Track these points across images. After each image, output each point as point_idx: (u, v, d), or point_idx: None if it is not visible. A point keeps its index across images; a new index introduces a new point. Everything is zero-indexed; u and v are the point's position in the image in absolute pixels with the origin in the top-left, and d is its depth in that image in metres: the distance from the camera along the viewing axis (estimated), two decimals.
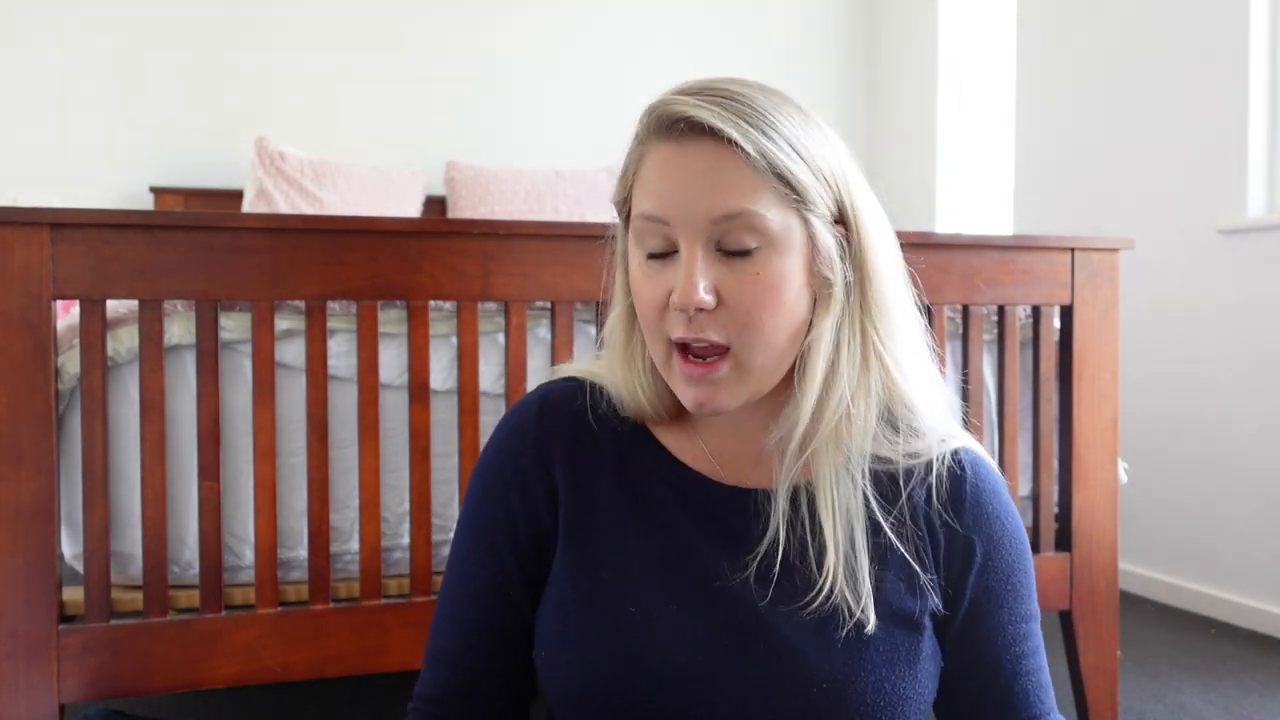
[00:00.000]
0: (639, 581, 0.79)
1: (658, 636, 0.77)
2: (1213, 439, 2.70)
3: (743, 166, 0.71)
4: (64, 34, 3.37)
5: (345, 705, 1.97)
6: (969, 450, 0.83)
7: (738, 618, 0.77)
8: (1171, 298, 2.81)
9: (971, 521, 0.81)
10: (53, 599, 1.26)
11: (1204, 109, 2.73)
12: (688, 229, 0.72)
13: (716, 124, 0.70)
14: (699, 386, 0.75)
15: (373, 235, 1.37)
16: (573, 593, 0.81)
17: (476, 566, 0.85)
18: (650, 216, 0.73)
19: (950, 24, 3.89)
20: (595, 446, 0.84)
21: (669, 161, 0.73)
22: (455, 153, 3.68)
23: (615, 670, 0.77)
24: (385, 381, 1.44)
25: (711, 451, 0.83)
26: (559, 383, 0.88)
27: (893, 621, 0.78)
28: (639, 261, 0.76)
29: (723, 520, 0.81)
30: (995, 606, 0.81)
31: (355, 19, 3.67)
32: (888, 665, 0.77)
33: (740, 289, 0.72)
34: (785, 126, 0.72)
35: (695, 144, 0.72)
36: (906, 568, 0.79)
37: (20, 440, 1.24)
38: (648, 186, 0.74)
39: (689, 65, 3.95)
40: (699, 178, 0.71)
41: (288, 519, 1.42)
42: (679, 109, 0.71)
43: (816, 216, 0.74)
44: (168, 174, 3.48)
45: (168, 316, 1.38)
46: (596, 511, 0.82)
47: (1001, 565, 0.81)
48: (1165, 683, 2.15)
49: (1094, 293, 1.67)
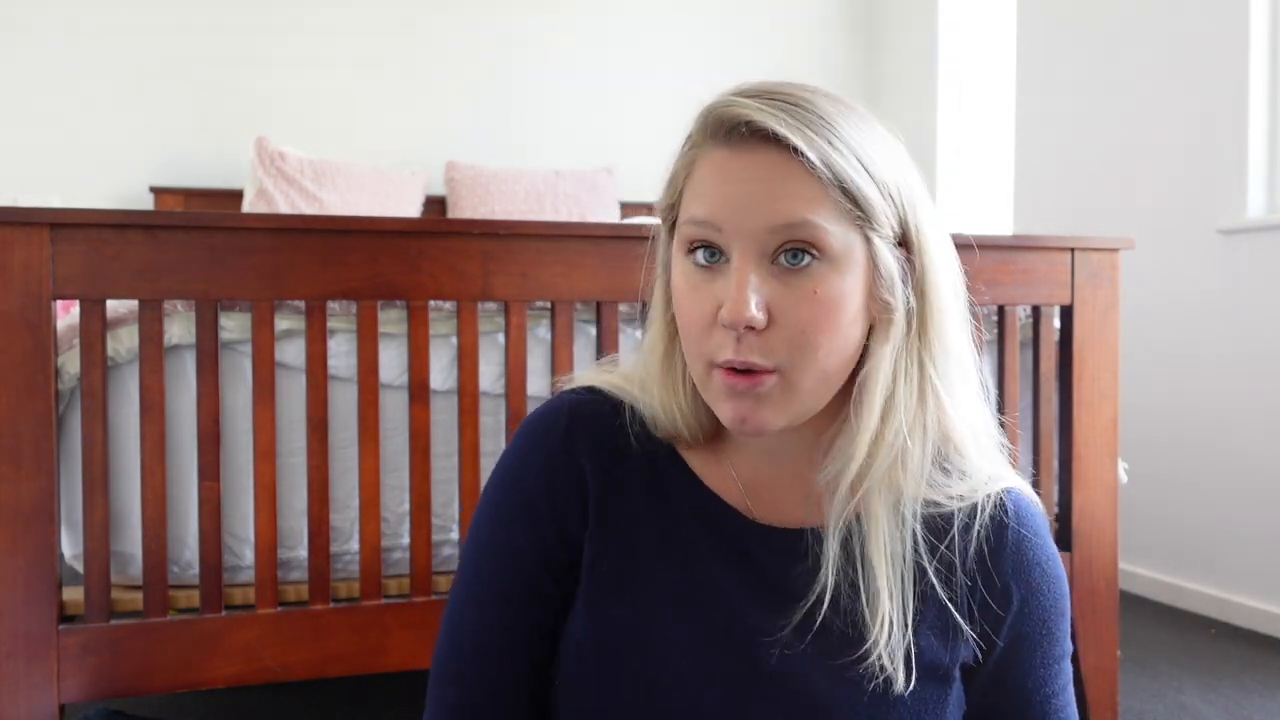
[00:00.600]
0: (665, 622, 0.75)
1: (683, 680, 0.73)
2: (1213, 439, 2.70)
3: (805, 176, 0.66)
4: (64, 34, 3.37)
5: (345, 705, 1.97)
6: (1015, 493, 0.78)
7: (766, 667, 0.73)
8: (1171, 298, 2.82)
9: (1011, 568, 0.76)
10: (53, 599, 1.26)
11: (1204, 109, 2.73)
12: (741, 238, 0.67)
13: (780, 129, 0.65)
14: (741, 400, 0.68)
15: (373, 235, 1.37)
16: (590, 624, 0.76)
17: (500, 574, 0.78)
18: (701, 221, 0.68)
19: (950, 24, 3.89)
20: (624, 467, 0.78)
21: (726, 166, 0.67)
22: (455, 153, 3.68)
23: (636, 713, 0.74)
24: (385, 381, 1.44)
25: (744, 482, 0.78)
26: (582, 393, 0.81)
27: (924, 674, 0.74)
28: (684, 270, 0.70)
29: (757, 562, 0.76)
30: (1029, 652, 0.78)
31: (355, 19, 3.68)
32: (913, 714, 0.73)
33: (795, 307, 0.67)
34: (852, 137, 0.67)
35: (755, 150, 0.66)
36: (944, 617, 0.75)
37: (20, 440, 1.24)
38: (700, 191, 0.69)
39: (689, 65, 3.95)
40: (757, 185, 0.66)
41: (288, 519, 1.42)
42: (739, 112, 0.66)
43: (880, 236, 0.68)
44: (168, 174, 3.48)
45: (168, 316, 1.38)
46: (624, 542, 0.77)
47: (1038, 612, 0.77)
48: (1165, 683, 2.15)
49: (1094, 293, 1.67)
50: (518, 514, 0.78)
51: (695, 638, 0.74)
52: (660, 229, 0.77)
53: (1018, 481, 0.79)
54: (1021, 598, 0.76)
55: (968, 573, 0.75)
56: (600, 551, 0.77)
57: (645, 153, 3.75)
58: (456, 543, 1.49)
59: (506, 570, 0.78)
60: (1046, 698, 0.78)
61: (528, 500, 0.78)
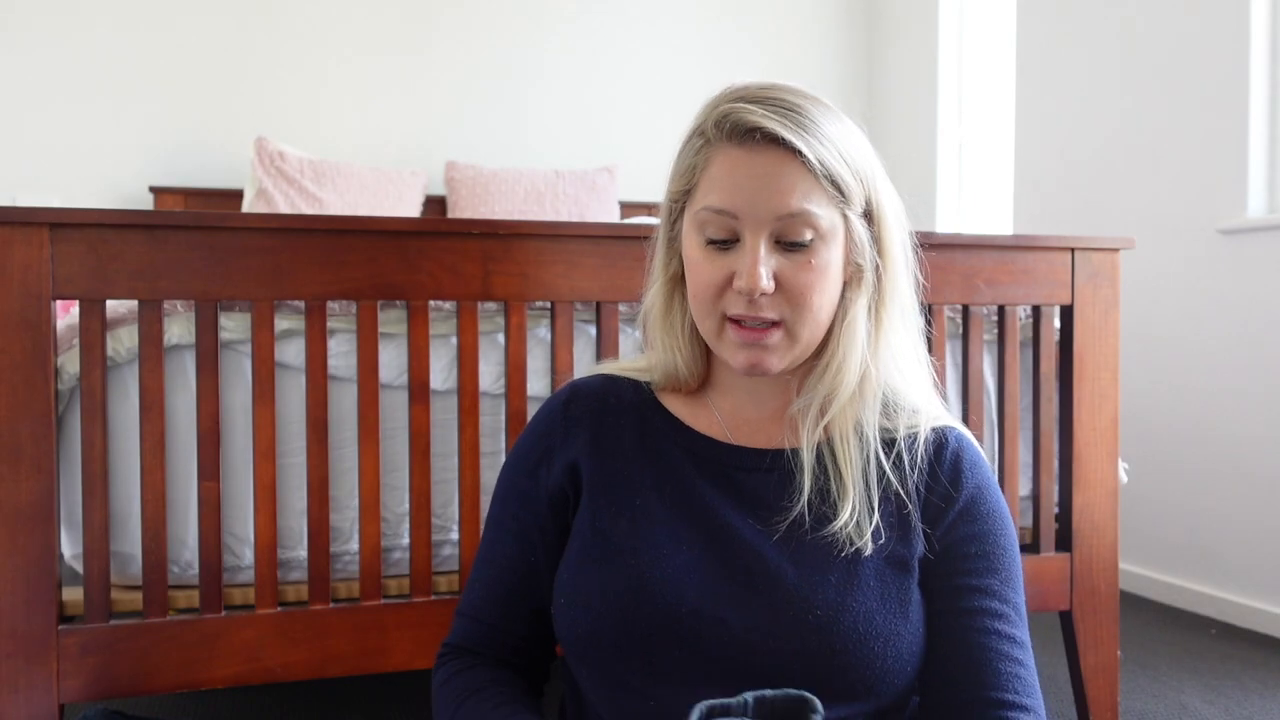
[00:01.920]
0: (653, 525, 0.89)
1: (668, 573, 0.86)
2: (1213, 439, 2.70)
3: (803, 172, 0.83)
4: (64, 34, 3.37)
5: (345, 705, 1.97)
6: (957, 430, 0.95)
7: (743, 558, 0.87)
8: (1171, 298, 2.82)
9: (953, 477, 0.91)
10: (52, 599, 1.26)
11: (1204, 109, 2.73)
12: (754, 223, 0.84)
13: (786, 135, 0.82)
14: (751, 350, 0.86)
15: (373, 235, 1.37)
16: (590, 536, 0.91)
17: (505, 533, 0.97)
18: (719, 210, 0.84)
19: (950, 24, 3.89)
20: (618, 419, 0.96)
21: (740, 164, 0.84)
22: (455, 153, 3.68)
23: (628, 599, 0.86)
24: (385, 381, 1.44)
25: (724, 418, 0.95)
26: (588, 377, 1.01)
27: (886, 562, 0.87)
28: (699, 245, 0.87)
29: (732, 475, 0.91)
30: (966, 567, 0.89)
31: (355, 19, 3.68)
32: (878, 600, 0.85)
33: (796, 275, 0.84)
34: (834, 134, 0.84)
35: (764, 151, 0.83)
36: (901, 513, 0.89)
37: (20, 440, 1.24)
38: (717, 184, 0.85)
39: (689, 65, 3.95)
40: (767, 180, 0.83)
41: (287, 519, 1.42)
42: (752, 119, 0.82)
43: (853, 213, 0.86)
44: (168, 174, 3.48)
45: (168, 316, 1.38)
46: (618, 469, 0.93)
47: (976, 528, 0.90)
48: (1165, 683, 2.15)
49: (1094, 293, 1.67)
50: (524, 465, 0.97)
51: (680, 538, 0.88)
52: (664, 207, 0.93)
53: (960, 426, 0.96)
54: (965, 501, 0.90)
55: (918, 478, 0.91)
56: (599, 481, 0.93)
57: (645, 153, 3.76)
58: (456, 543, 1.49)
59: (514, 519, 0.96)
60: (985, 632, 0.87)
61: (530, 458, 0.97)
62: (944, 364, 1.63)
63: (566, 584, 0.91)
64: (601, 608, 0.87)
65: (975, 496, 0.91)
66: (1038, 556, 1.66)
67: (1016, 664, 0.87)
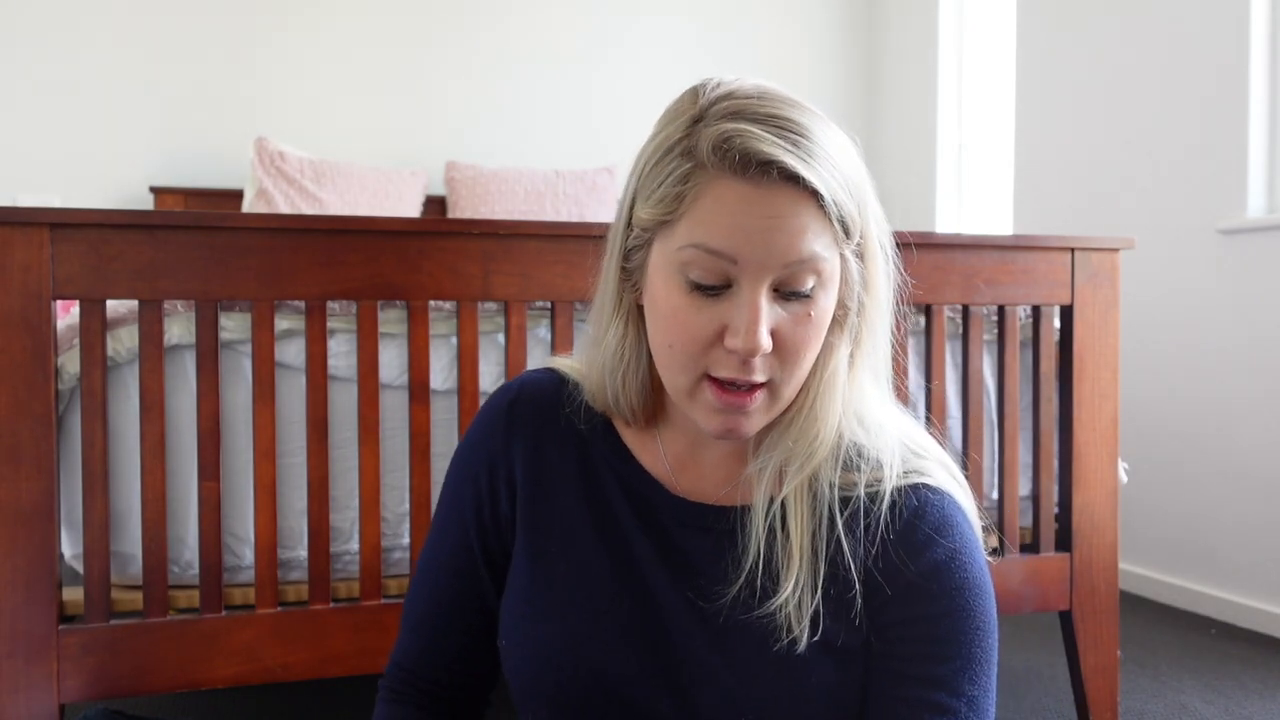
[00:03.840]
0: (590, 579, 0.82)
1: (604, 639, 0.80)
2: (1213, 439, 2.70)
3: (816, 213, 0.69)
4: (64, 34, 3.37)
5: (345, 705, 1.97)
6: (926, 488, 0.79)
7: (676, 644, 0.79)
8: (1171, 298, 2.82)
9: (906, 549, 0.77)
10: (53, 599, 1.26)
11: (1204, 109, 2.73)
12: (755, 269, 0.69)
13: (802, 173, 0.68)
14: (729, 415, 0.73)
15: (373, 235, 1.37)
16: (529, 582, 0.84)
17: (446, 541, 0.89)
18: (715, 251, 0.69)
19: (950, 24, 3.89)
20: (560, 439, 0.86)
21: (747, 201, 0.68)
22: (455, 153, 3.68)
23: (565, 661, 0.80)
24: (385, 381, 1.44)
25: (670, 459, 0.84)
26: (540, 372, 0.91)
27: (825, 651, 0.76)
28: (681, 289, 0.71)
29: (670, 533, 0.82)
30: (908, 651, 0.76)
31: (355, 19, 3.68)
32: (819, 695, 0.76)
33: (794, 330, 0.72)
34: (841, 163, 0.71)
35: (776, 189, 0.68)
36: (847, 592, 0.77)
37: (20, 440, 1.24)
38: (713, 220, 0.69)
39: (689, 66, 3.95)
40: (778, 222, 0.68)
41: (288, 519, 1.42)
42: (763, 149, 0.67)
43: (850, 250, 0.74)
44: (168, 174, 3.48)
45: (168, 316, 1.38)
46: (554, 499, 0.85)
47: (925, 609, 0.76)
48: (1165, 683, 2.15)
49: (1094, 293, 1.67)
50: (461, 488, 0.89)
51: (609, 599, 0.81)
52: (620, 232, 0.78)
53: (942, 476, 0.81)
54: (917, 575, 0.76)
55: (870, 551, 0.77)
56: (532, 515, 0.85)
57: None
58: None
59: (455, 526, 0.88)
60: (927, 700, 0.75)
61: (470, 474, 0.88)
62: (944, 364, 1.63)
63: (508, 628, 0.85)
64: (539, 663, 0.81)
65: (933, 571, 0.76)
66: (1038, 556, 1.66)
67: None
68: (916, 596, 0.76)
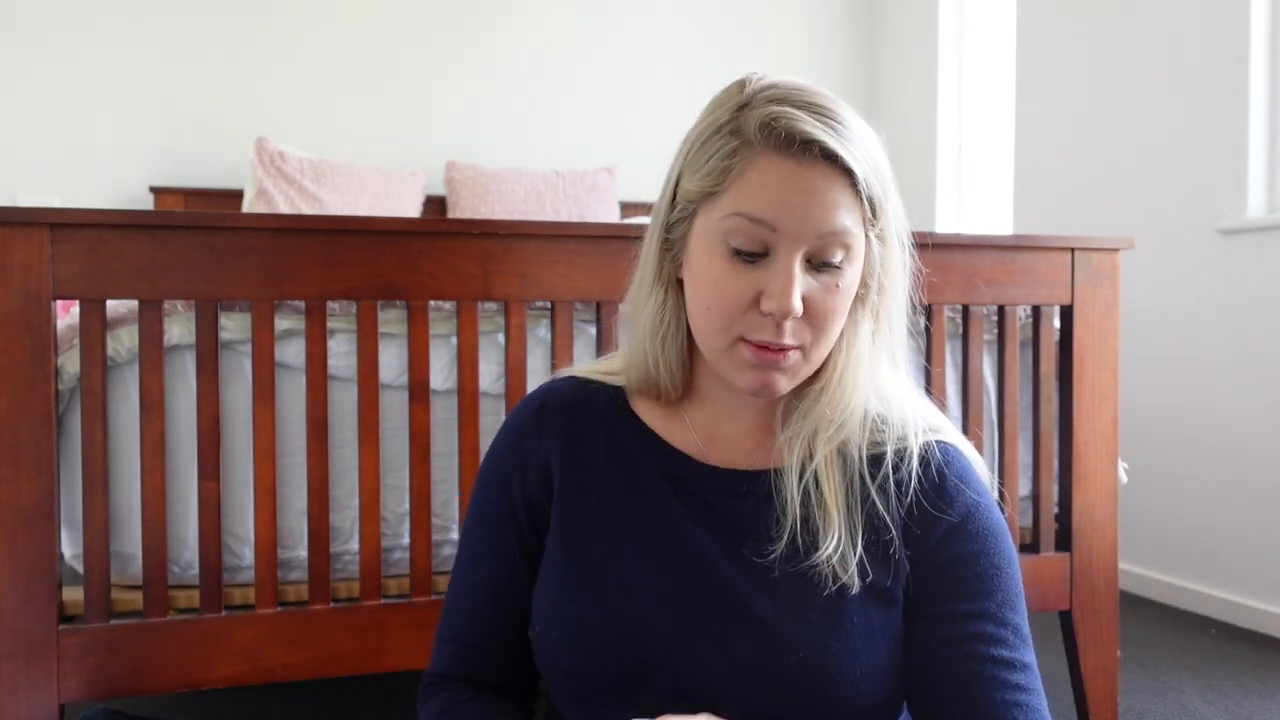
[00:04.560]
0: (626, 553, 0.85)
1: (643, 605, 0.83)
2: (1213, 439, 2.70)
3: (849, 190, 0.77)
4: (64, 35, 3.37)
5: (345, 705, 1.97)
6: (945, 444, 0.88)
7: (721, 595, 0.82)
8: (1171, 298, 2.82)
9: (939, 499, 0.84)
10: (53, 599, 1.26)
11: (1204, 109, 2.73)
12: (793, 238, 0.77)
13: (839, 152, 0.76)
14: (764, 371, 0.80)
15: (373, 235, 1.37)
16: (564, 565, 0.86)
17: (484, 551, 0.91)
18: (758, 219, 0.77)
19: (950, 24, 3.89)
20: (588, 430, 0.90)
21: (789, 175, 0.76)
22: (455, 153, 3.68)
23: (604, 637, 0.82)
24: (385, 381, 1.44)
25: (698, 431, 0.89)
26: (560, 380, 0.95)
27: (870, 595, 0.82)
28: (722, 255, 0.79)
29: (708, 499, 0.86)
30: (956, 591, 0.82)
31: (355, 19, 3.68)
32: (863, 638, 0.80)
33: (824, 299, 0.79)
34: (872, 151, 0.80)
35: (815, 165, 0.77)
36: (884, 540, 0.83)
37: (20, 440, 1.24)
38: (757, 191, 0.77)
39: (688, 65, 3.95)
40: (815, 195, 0.76)
41: (288, 519, 1.42)
42: (805, 129, 0.76)
43: (874, 232, 0.81)
44: (168, 174, 3.48)
45: (168, 316, 1.38)
46: (588, 488, 0.88)
47: (966, 549, 0.83)
48: (1165, 683, 2.15)
49: (1094, 293, 1.67)
50: (496, 494, 0.91)
51: (654, 570, 0.84)
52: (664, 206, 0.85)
53: (955, 436, 0.89)
54: (953, 521, 0.84)
55: (903, 500, 0.84)
56: (567, 503, 0.88)
57: (645, 153, 3.75)
58: (456, 543, 1.49)
59: (492, 535, 0.91)
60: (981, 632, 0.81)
61: (503, 479, 0.91)
62: (944, 364, 1.63)
63: (541, 613, 0.87)
64: (576, 644, 0.83)
65: (965, 515, 0.84)
66: (1038, 556, 1.66)
67: (1018, 691, 0.79)
68: (954, 539, 0.83)
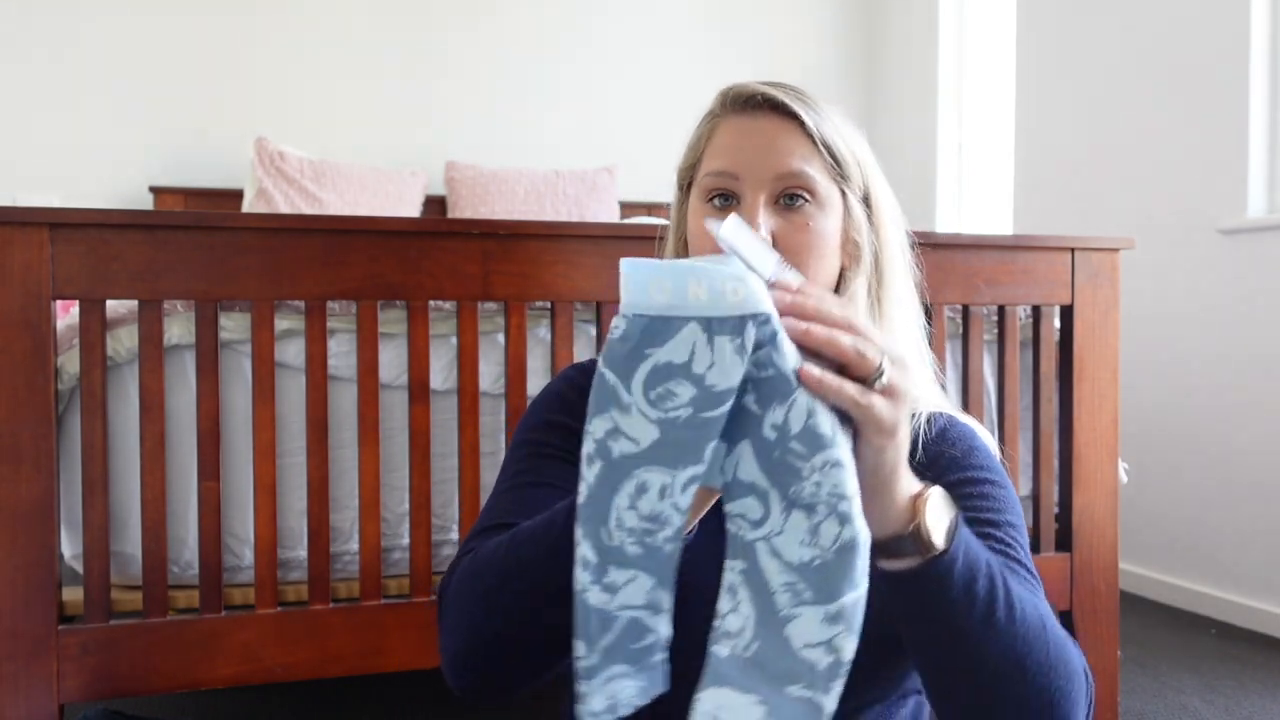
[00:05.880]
0: None
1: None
2: (1213, 439, 2.70)
3: (802, 137, 0.85)
4: (64, 34, 3.37)
5: (345, 705, 1.97)
6: (948, 417, 0.92)
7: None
8: (1171, 298, 2.81)
9: (937, 453, 0.88)
10: (52, 599, 1.26)
11: (1204, 109, 2.73)
12: (754, 182, 0.84)
13: (786, 101, 0.85)
14: None
15: (373, 235, 1.37)
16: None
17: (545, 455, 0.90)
18: (722, 172, 0.85)
19: (950, 24, 3.89)
20: None
21: (742, 128, 0.86)
22: (455, 153, 3.68)
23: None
24: (385, 381, 1.44)
25: None
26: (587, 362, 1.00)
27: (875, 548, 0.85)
28: (704, 213, 0.86)
29: None
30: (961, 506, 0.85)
31: (355, 19, 3.68)
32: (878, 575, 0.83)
33: (792, 234, 0.84)
34: (833, 116, 0.88)
35: (765, 116, 0.85)
36: None
37: (20, 440, 1.24)
38: (720, 149, 0.86)
39: (688, 65, 3.95)
40: (768, 141, 0.85)
41: (288, 519, 1.42)
42: (754, 88, 0.86)
43: (851, 193, 0.87)
44: (168, 174, 3.48)
45: (167, 316, 1.38)
46: None
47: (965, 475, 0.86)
48: (1165, 683, 2.15)
49: (1094, 293, 1.67)
50: (555, 406, 0.93)
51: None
52: (675, 188, 0.94)
53: (958, 413, 0.94)
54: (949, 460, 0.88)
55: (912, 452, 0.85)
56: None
57: (645, 153, 3.75)
58: (456, 543, 1.49)
59: (557, 439, 0.91)
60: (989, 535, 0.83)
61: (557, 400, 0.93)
62: (944, 364, 1.63)
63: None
64: None
65: (969, 451, 0.89)
66: (1038, 556, 1.66)
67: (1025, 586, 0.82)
68: (958, 466, 0.88)
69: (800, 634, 0.58)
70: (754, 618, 0.59)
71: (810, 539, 0.58)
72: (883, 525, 0.66)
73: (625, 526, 0.59)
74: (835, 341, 0.59)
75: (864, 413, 0.60)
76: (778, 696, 0.58)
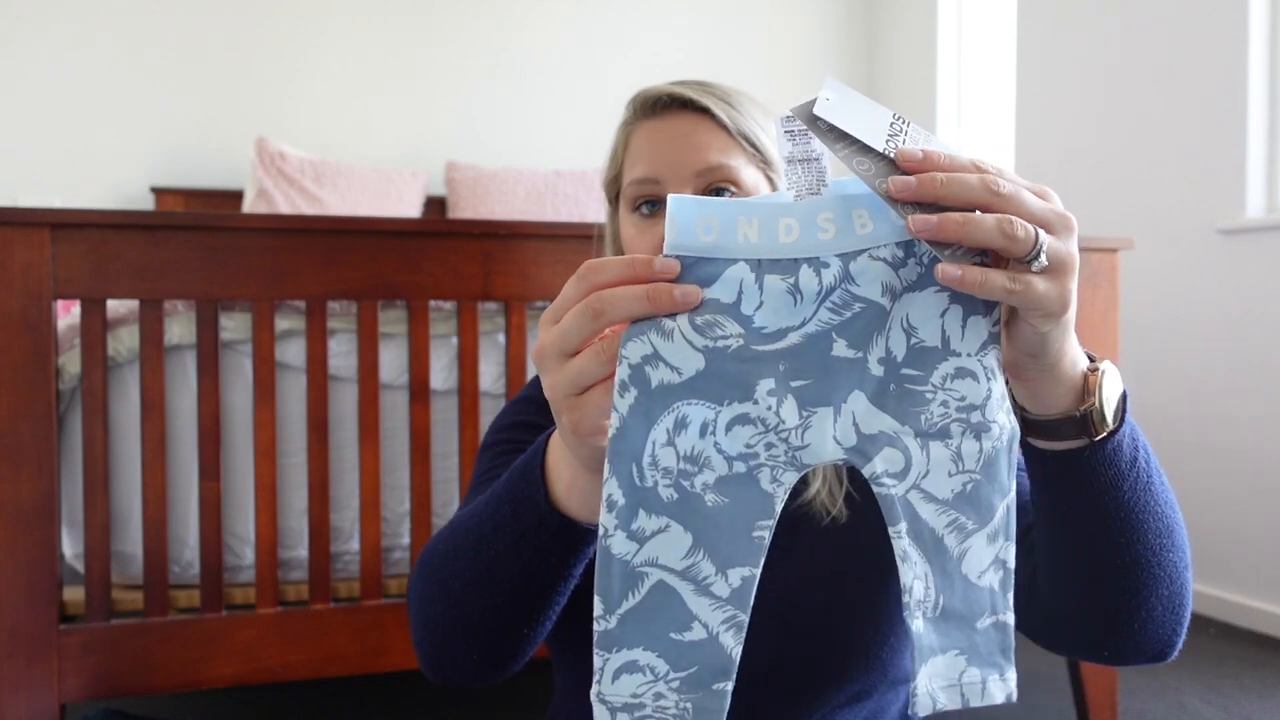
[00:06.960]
0: None
1: None
2: (1213, 439, 2.70)
3: (717, 130, 0.83)
4: (65, 35, 3.37)
5: (345, 705, 1.97)
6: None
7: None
8: (1170, 298, 2.82)
9: None
10: (53, 599, 1.26)
11: (1204, 109, 2.73)
12: (676, 182, 0.83)
13: (694, 97, 0.84)
14: None
15: (373, 235, 1.37)
16: None
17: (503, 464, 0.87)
18: (642, 179, 0.84)
19: (950, 24, 3.90)
20: None
21: (656, 131, 0.85)
22: (455, 153, 3.68)
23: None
24: (385, 381, 1.45)
25: None
26: None
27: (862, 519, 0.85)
28: (632, 223, 0.86)
29: None
30: None
31: (355, 19, 3.68)
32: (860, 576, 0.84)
33: None
34: (748, 105, 0.86)
35: (677, 115, 0.84)
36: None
37: (21, 440, 1.25)
38: (638, 156, 0.85)
39: (688, 65, 3.95)
40: (683, 140, 0.83)
41: (288, 519, 1.42)
42: (661, 90, 0.86)
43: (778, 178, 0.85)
44: (168, 174, 3.48)
45: (168, 316, 1.38)
46: None
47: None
48: (1165, 683, 2.15)
49: (1094, 293, 1.68)
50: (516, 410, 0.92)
51: None
52: (605, 203, 0.93)
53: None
54: None
55: None
56: None
57: None
58: None
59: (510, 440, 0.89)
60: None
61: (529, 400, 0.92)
62: None
63: None
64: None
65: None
66: None
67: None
68: None
69: (974, 565, 0.54)
70: (932, 573, 0.54)
71: (956, 467, 0.54)
72: (1045, 407, 0.61)
73: (660, 466, 0.52)
74: (973, 233, 0.50)
75: (1020, 298, 0.51)
76: (972, 637, 0.55)
